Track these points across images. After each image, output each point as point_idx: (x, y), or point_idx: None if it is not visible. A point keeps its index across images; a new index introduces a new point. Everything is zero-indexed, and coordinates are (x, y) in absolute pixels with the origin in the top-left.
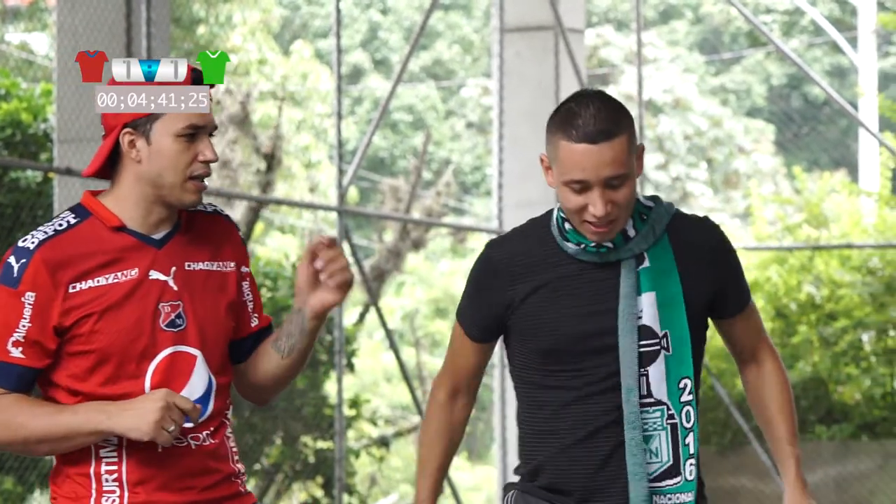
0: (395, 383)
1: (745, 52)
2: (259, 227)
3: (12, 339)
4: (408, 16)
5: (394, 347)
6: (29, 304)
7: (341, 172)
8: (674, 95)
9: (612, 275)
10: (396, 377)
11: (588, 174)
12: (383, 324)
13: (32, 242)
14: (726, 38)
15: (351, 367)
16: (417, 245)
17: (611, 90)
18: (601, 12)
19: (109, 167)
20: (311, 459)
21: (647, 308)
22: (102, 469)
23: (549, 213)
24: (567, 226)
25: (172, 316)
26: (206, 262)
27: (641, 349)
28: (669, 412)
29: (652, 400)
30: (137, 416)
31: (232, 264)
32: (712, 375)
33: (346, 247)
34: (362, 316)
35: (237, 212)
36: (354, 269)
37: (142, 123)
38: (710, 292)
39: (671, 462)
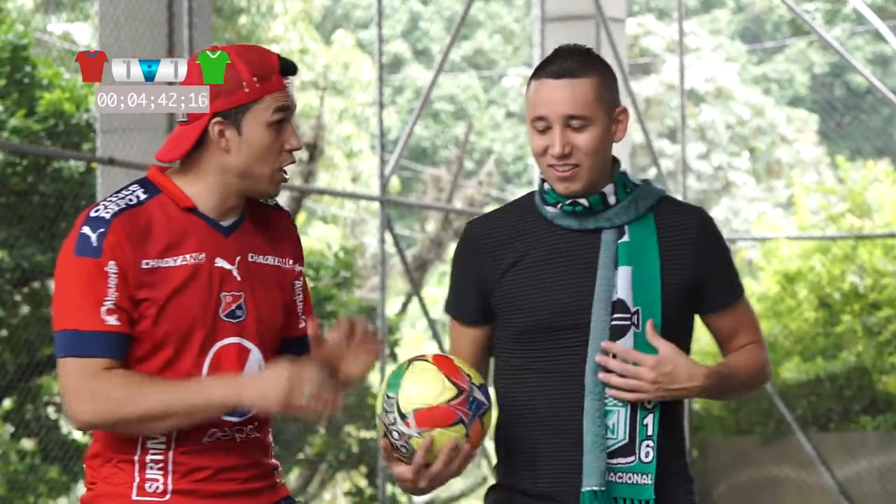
0: None
1: (787, 40)
2: (301, 216)
3: (104, 307)
4: (448, 6)
5: (436, 337)
6: (113, 272)
7: (383, 162)
8: (716, 84)
9: (591, 247)
10: None
11: (547, 110)
12: (426, 313)
13: (107, 212)
14: (768, 26)
15: (394, 356)
16: (459, 235)
17: (652, 79)
18: (642, 1)
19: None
20: (355, 449)
21: (622, 282)
22: (148, 458)
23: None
24: (546, 185)
25: (233, 306)
26: (268, 257)
27: (613, 322)
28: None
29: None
30: (267, 388)
31: (290, 262)
32: None
33: (388, 236)
34: (405, 305)
35: (279, 201)
36: (397, 259)
37: (233, 113)
38: (690, 279)
39: (626, 441)
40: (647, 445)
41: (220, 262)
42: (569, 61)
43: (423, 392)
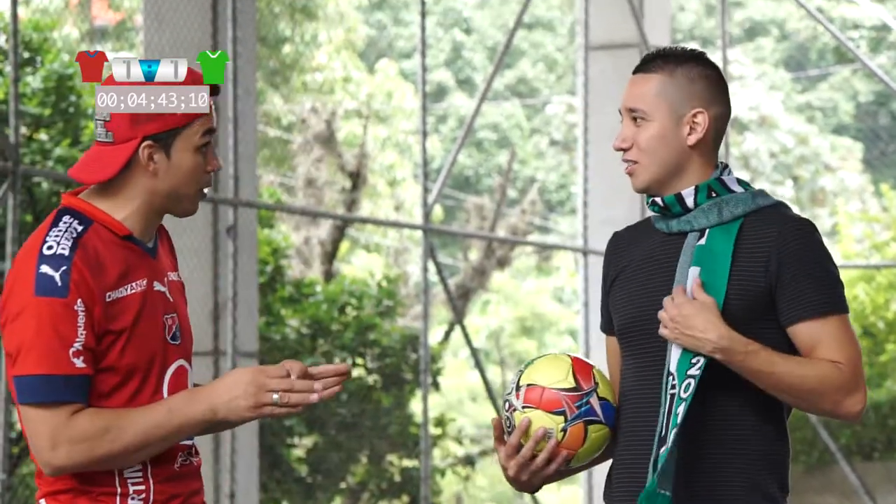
0: (481, 402)
1: (831, 68)
2: (344, 245)
3: (72, 349)
4: (491, 35)
5: (479, 366)
6: (81, 311)
7: (426, 191)
8: (760, 113)
9: (675, 251)
10: (482, 396)
11: (622, 101)
12: (468, 342)
13: (64, 249)
14: (813, 54)
15: (436, 385)
16: (502, 263)
17: None
18: (686, 30)
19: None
20: (397, 478)
21: (689, 283)
22: (130, 489)
23: None
24: None
25: (174, 329)
26: (174, 273)
27: None
28: (672, 382)
29: (668, 373)
30: (235, 395)
31: (180, 276)
32: None
33: (430, 265)
34: (447, 334)
35: (322, 230)
36: (439, 288)
37: (164, 137)
38: (761, 288)
39: (664, 432)
40: (676, 433)
41: (157, 286)
42: (652, 59)
43: (546, 373)
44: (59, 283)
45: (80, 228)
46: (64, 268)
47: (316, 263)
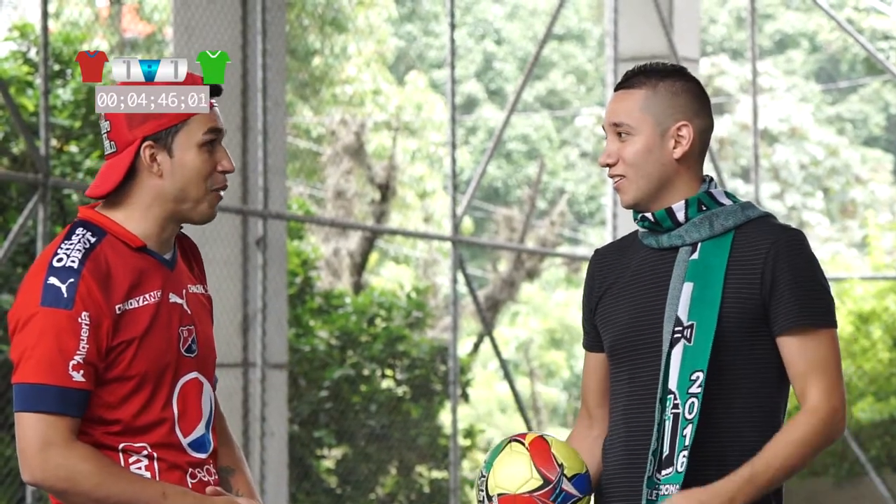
0: (510, 413)
1: (862, 80)
2: (373, 257)
3: (73, 362)
4: (521, 46)
5: (508, 377)
6: (86, 324)
7: (455, 202)
8: (790, 124)
9: (667, 265)
10: (511, 407)
11: (606, 118)
12: (498, 354)
13: (73, 261)
14: (843, 66)
15: (465, 397)
16: (532, 275)
17: (726, 119)
18: (716, 41)
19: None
20: (427, 489)
21: (683, 298)
22: None
23: None
24: None
25: (189, 341)
26: (198, 286)
27: (674, 336)
28: (675, 402)
29: (666, 389)
30: None
31: (206, 289)
32: None
33: (460, 277)
34: (477, 346)
35: (351, 242)
36: (469, 299)
37: (163, 136)
38: (755, 300)
39: (668, 452)
40: (684, 456)
41: (174, 298)
42: (634, 75)
43: (510, 477)
44: (65, 295)
45: (93, 241)
46: (71, 280)
47: (345, 275)
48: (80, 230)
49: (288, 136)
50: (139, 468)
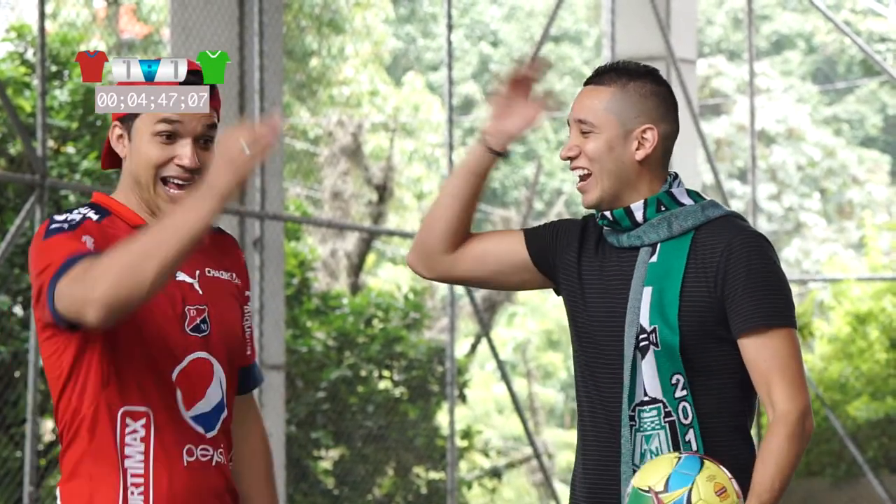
0: (507, 414)
1: (858, 81)
2: (370, 258)
3: (85, 246)
4: (518, 48)
5: (505, 378)
6: (91, 243)
7: None
8: (787, 125)
9: (629, 266)
10: (508, 408)
11: (571, 112)
12: (495, 355)
13: (74, 218)
14: (840, 67)
15: (463, 398)
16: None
17: (723, 120)
18: (713, 42)
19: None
20: (424, 490)
21: (644, 302)
22: (129, 482)
23: None
24: None
25: (198, 320)
26: (222, 272)
27: (640, 343)
28: (666, 409)
29: (648, 398)
30: (222, 164)
31: (239, 280)
32: (826, 407)
33: None
34: (474, 347)
35: (348, 243)
36: (466, 300)
37: (127, 120)
38: (712, 301)
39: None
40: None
41: (181, 276)
42: (606, 72)
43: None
44: (67, 227)
45: (96, 217)
46: (74, 220)
47: (342, 276)
48: (83, 209)
49: (285, 137)
50: (134, 439)
